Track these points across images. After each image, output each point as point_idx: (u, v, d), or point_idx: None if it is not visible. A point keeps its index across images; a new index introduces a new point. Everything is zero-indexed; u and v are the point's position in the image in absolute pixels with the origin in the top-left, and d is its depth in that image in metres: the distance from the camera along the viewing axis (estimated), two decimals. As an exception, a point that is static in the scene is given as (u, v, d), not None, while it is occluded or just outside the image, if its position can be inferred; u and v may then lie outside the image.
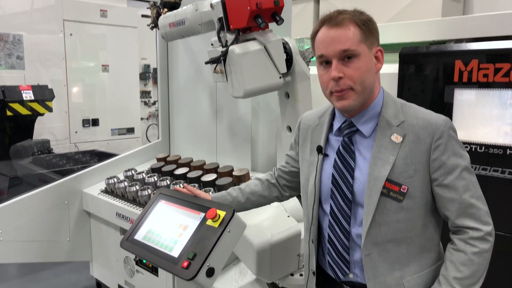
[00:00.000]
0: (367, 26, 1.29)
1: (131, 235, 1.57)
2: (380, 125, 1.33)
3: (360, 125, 1.35)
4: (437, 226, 1.37)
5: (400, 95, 2.27)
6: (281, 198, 1.72)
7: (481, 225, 1.26)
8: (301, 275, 1.97)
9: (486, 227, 1.26)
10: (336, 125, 1.42)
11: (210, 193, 1.72)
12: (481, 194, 1.30)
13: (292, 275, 1.97)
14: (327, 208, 1.41)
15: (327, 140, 1.45)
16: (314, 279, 1.47)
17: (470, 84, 2.06)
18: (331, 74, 1.26)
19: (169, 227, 1.49)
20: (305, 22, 5.43)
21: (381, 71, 1.42)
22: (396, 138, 1.29)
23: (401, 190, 1.28)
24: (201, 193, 1.60)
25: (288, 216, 1.98)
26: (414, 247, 1.32)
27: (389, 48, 2.72)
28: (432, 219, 1.34)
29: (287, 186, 1.69)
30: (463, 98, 2.10)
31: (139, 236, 1.55)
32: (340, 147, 1.39)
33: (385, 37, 2.70)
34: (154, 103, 6.76)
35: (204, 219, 1.41)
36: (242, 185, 1.72)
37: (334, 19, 1.29)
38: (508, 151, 1.94)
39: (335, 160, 1.39)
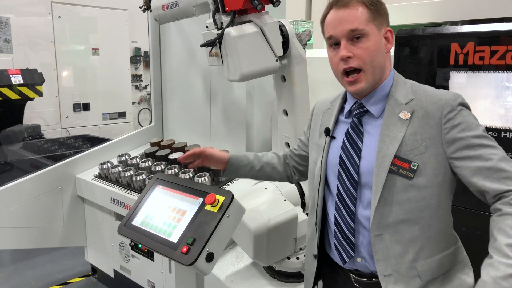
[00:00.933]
0: (375, 6, 1.29)
1: (128, 220, 1.56)
2: (389, 103, 1.32)
3: (370, 105, 1.35)
4: (450, 208, 1.33)
5: (396, 78, 2.26)
6: (291, 179, 1.73)
7: None
8: (297, 258, 1.99)
9: None
10: (347, 108, 1.41)
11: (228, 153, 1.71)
12: (506, 155, 1.22)
13: (288, 258, 1.98)
14: (334, 190, 1.40)
15: (336, 123, 1.44)
16: (315, 262, 1.46)
17: (466, 66, 2.05)
18: (340, 53, 1.27)
19: (167, 212, 1.49)
20: (298, 4, 5.37)
21: None
22: (404, 115, 1.28)
23: (411, 167, 1.25)
24: (216, 152, 1.62)
25: (285, 200, 1.98)
26: (428, 229, 1.28)
27: (385, 30, 2.71)
28: (447, 200, 1.30)
29: (296, 168, 1.69)
30: (459, 81, 2.10)
31: (136, 221, 1.54)
32: (349, 128, 1.38)
33: (380, 20, 2.69)
34: (145, 87, 6.69)
35: (203, 204, 1.40)
36: (260, 153, 1.73)
37: (341, 0, 1.30)
38: (503, 134, 1.95)
39: (343, 141, 1.38)
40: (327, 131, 1.42)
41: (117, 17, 5.70)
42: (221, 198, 1.37)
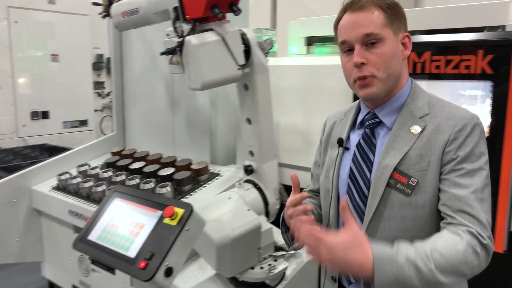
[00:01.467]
0: (392, 10, 1.22)
1: (84, 235, 1.50)
2: (402, 114, 1.24)
3: (383, 116, 1.27)
4: None
5: (357, 86, 2.29)
6: None
7: (484, 234, 1.09)
8: (261, 268, 1.97)
9: (489, 242, 1.10)
10: (360, 118, 1.34)
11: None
12: (489, 207, 1.14)
13: (252, 268, 1.96)
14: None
15: (350, 134, 1.36)
16: (335, 286, 1.34)
17: (424, 75, 2.10)
18: (354, 59, 1.20)
19: (125, 226, 1.44)
20: (262, 12, 5.40)
21: (337, 63, 1.38)
22: (415, 130, 1.20)
23: (410, 182, 1.16)
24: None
25: (249, 210, 1.96)
26: None
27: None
28: None
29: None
30: (417, 89, 2.15)
31: (93, 236, 1.48)
32: (361, 140, 1.30)
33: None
34: (108, 94, 6.53)
35: (161, 218, 1.36)
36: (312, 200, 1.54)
37: (356, 3, 1.22)
38: (459, 141, 2.01)
39: (354, 153, 1.30)
40: (340, 142, 1.33)
41: (78, 23, 5.55)
42: (180, 211, 1.33)
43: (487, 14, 2.15)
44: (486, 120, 1.95)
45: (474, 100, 2.02)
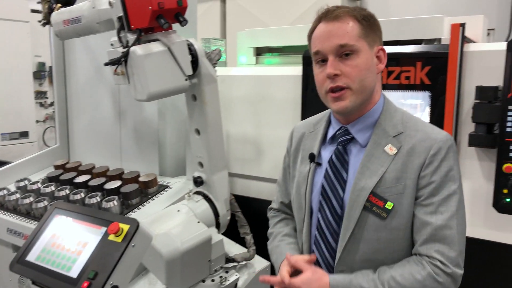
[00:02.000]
0: (367, 22, 1.20)
1: (22, 256, 1.41)
2: (376, 132, 1.22)
3: (356, 132, 1.25)
4: None
5: (304, 96, 2.33)
6: None
7: (450, 263, 1.11)
8: (212, 280, 1.94)
9: (455, 269, 1.12)
10: (331, 133, 1.32)
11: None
12: (464, 230, 1.16)
13: (203, 281, 1.93)
14: (314, 223, 1.30)
15: (320, 148, 1.33)
16: None
17: (367, 86, 2.18)
18: (327, 70, 1.17)
19: (67, 244, 1.37)
20: (212, 22, 5.40)
21: (285, 73, 1.39)
22: (390, 149, 1.19)
23: (386, 206, 1.16)
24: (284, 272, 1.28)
25: (198, 222, 1.93)
26: None
27: (294, 50, 2.81)
28: None
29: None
30: (362, 99, 2.22)
31: (31, 257, 1.40)
32: (333, 156, 1.27)
33: (288, 39, 2.78)
34: (51, 104, 6.24)
35: (106, 234, 1.31)
36: (285, 233, 1.49)
37: (331, 13, 1.20)
38: (401, 149, 2.10)
39: (326, 170, 1.28)
40: (312, 157, 1.31)
41: (17, 30, 5.27)
42: (125, 227, 1.29)
43: (425, 27, 2.27)
44: (425, 128, 2.05)
45: (415, 109, 2.12)
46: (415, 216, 1.17)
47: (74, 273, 1.27)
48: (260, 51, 2.95)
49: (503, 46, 1.79)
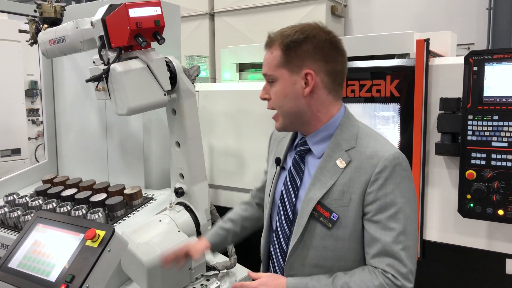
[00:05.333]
0: (292, 49, 1.22)
1: (4, 263, 1.48)
2: (330, 146, 1.27)
3: (312, 144, 1.31)
4: None
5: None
6: None
7: (400, 277, 1.15)
8: (193, 288, 2.00)
9: (406, 283, 1.15)
10: (296, 141, 1.40)
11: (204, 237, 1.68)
12: (413, 245, 1.19)
13: (184, 289, 1.99)
14: (273, 224, 1.38)
15: (287, 153, 1.41)
16: None
17: (342, 99, 2.28)
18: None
19: (47, 251, 1.44)
20: (201, 39, 5.54)
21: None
22: (341, 162, 1.23)
23: (331, 217, 1.22)
24: (193, 246, 1.57)
25: (179, 231, 2.00)
26: None
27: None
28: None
29: (260, 205, 1.65)
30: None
31: (13, 263, 1.47)
32: (291, 164, 1.35)
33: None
34: (43, 121, 6.31)
35: (83, 240, 1.38)
36: (231, 215, 1.67)
37: (267, 40, 1.29)
38: (374, 158, 2.19)
39: (285, 177, 1.35)
40: (278, 161, 1.39)
41: (9, 49, 5.37)
42: (101, 233, 1.36)
43: (397, 43, 2.38)
44: (395, 139, 2.15)
45: (387, 121, 2.21)
46: (365, 230, 1.22)
47: (53, 277, 1.33)
48: (243, 67, 3.06)
49: (463, 60, 1.90)
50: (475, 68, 1.82)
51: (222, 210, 2.24)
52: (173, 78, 1.94)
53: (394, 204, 1.17)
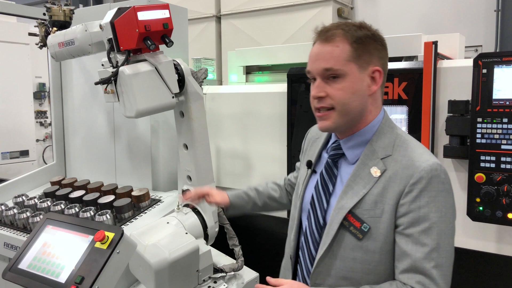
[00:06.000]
0: (361, 44, 1.17)
1: (14, 264, 1.49)
2: (365, 153, 1.21)
3: (347, 149, 1.26)
4: None
5: (289, 112, 2.43)
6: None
7: None
8: (201, 290, 2.00)
9: None
10: (330, 143, 1.34)
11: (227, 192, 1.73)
12: (448, 263, 1.12)
13: (192, 291, 1.99)
14: (303, 228, 1.34)
15: (319, 156, 1.37)
16: None
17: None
18: (312, 92, 1.20)
19: (56, 252, 1.45)
20: (207, 41, 5.56)
21: (271, 90, 1.45)
22: (375, 172, 1.18)
23: (362, 227, 1.16)
24: (212, 191, 1.62)
25: (186, 233, 2.01)
26: None
27: (282, 68, 2.92)
28: None
29: (290, 193, 1.66)
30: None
31: (23, 264, 1.48)
32: (323, 169, 1.30)
33: (276, 58, 2.90)
34: (51, 123, 6.36)
35: (92, 242, 1.39)
36: (260, 187, 1.67)
37: (324, 34, 1.20)
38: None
39: (317, 181, 1.31)
40: (309, 164, 1.35)
41: (18, 52, 5.43)
42: (110, 235, 1.37)
43: (405, 45, 2.38)
44: (403, 141, 2.13)
45: (400, 124, 2.20)
46: (396, 243, 1.16)
47: (62, 278, 1.34)
48: (250, 70, 3.07)
49: (472, 62, 1.89)
50: (484, 71, 1.81)
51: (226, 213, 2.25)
52: (181, 81, 1.95)
53: (428, 219, 1.11)
